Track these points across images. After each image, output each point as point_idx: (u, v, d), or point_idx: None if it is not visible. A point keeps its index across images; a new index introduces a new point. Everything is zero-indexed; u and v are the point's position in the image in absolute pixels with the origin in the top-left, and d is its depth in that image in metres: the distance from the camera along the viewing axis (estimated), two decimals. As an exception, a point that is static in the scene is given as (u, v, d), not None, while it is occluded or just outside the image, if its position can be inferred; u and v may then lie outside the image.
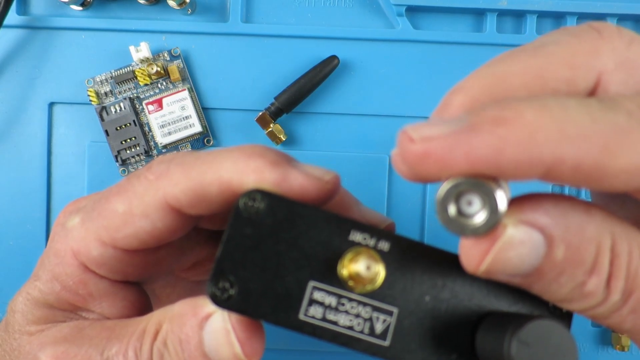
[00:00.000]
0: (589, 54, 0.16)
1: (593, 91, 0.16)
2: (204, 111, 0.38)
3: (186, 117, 0.37)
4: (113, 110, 0.37)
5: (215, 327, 0.17)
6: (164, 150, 0.38)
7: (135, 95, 0.37)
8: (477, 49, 0.37)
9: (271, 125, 0.37)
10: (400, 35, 0.37)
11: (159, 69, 0.36)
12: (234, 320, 0.17)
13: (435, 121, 0.14)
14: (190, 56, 0.37)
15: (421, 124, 0.14)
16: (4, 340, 0.21)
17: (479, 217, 0.14)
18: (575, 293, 0.15)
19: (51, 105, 0.37)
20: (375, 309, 0.17)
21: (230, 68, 0.37)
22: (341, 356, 0.37)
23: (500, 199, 0.14)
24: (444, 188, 0.14)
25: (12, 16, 0.36)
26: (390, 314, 0.17)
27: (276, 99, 0.36)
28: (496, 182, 0.14)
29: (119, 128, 0.37)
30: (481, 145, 0.13)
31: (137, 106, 0.37)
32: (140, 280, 0.22)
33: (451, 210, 0.14)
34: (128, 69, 0.37)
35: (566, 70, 0.15)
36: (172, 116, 0.37)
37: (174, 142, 0.37)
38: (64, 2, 0.36)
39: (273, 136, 0.37)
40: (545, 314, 0.17)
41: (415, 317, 0.17)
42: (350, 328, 0.17)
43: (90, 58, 0.37)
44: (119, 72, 0.37)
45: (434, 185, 0.37)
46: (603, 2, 0.36)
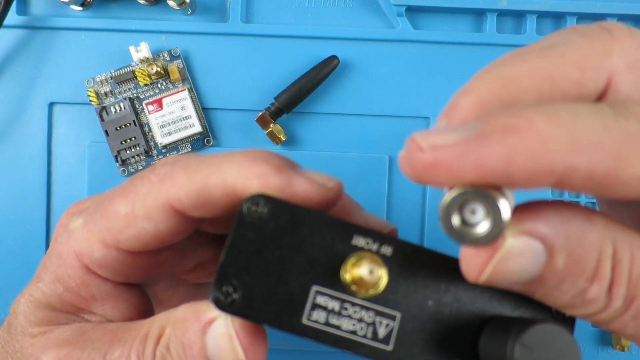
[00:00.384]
0: (600, 55, 0.15)
1: (603, 93, 0.16)
2: (204, 111, 0.38)
3: (186, 117, 0.37)
4: (113, 110, 0.37)
5: (218, 333, 0.17)
6: (163, 151, 0.38)
7: (135, 95, 0.37)
8: (477, 49, 0.37)
9: (271, 125, 0.37)
10: (400, 35, 0.37)
11: (159, 69, 0.36)
12: (237, 325, 0.17)
13: (444, 129, 0.14)
14: (190, 56, 0.37)
15: (430, 132, 0.14)
16: (6, 342, 0.21)
17: (482, 227, 0.14)
18: (577, 300, 0.15)
19: (51, 105, 0.37)
20: (378, 313, 0.17)
21: (230, 68, 0.37)
22: (342, 357, 0.37)
23: (504, 209, 0.14)
24: (449, 196, 0.14)
25: (12, 16, 0.36)
26: (393, 318, 0.17)
27: (276, 99, 0.36)
28: (501, 191, 0.14)
29: (119, 128, 0.37)
30: (491, 155, 0.13)
31: (137, 106, 0.37)
32: (143, 282, 0.22)
33: (455, 219, 0.14)
34: (128, 69, 0.37)
35: (576, 72, 0.15)
36: (172, 116, 0.37)
37: (174, 142, 0.37)
38: (64, 2, 0.36)
39: (273, 136, 0.37)
40: (548, 319, 0.17)
41: (418, 322, 0.17)
42: (353, 332, 0.17)
43: (90, 58, 0.37)
44: (119, 72, 0.37)
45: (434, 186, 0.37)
46: (603, 2, 0.36)
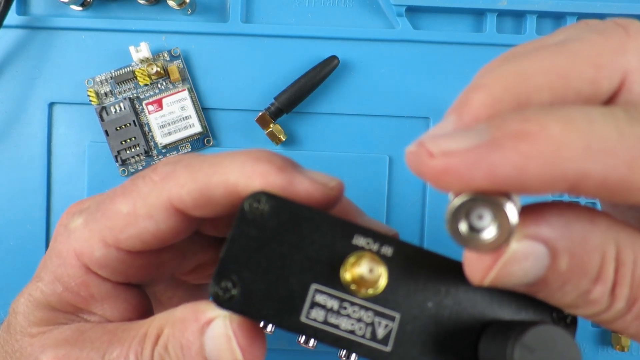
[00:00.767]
0: (615, 52, 0.15)
1: (617, 91, 0.15)
2: (204, 111, 0.38)
3: (186, 117, 0.37)
4: (113, 110, 0.37)
5: (216, 333, 0.17)
6: (163, 151, 0.38)
7: (135, 95, 0.37)
8: (477, 49, 0.37)
9: (271, 125, 0.37)
10: (400, 35, 0.37)
11: (159, 69, 0.36)
12: (235, 326, 0.17)
13: (454, 133, 0.14)
14: (190, 56, 0.37)
15: (439, 136, 0.14)
16: (5, 342, 0.21)
17: (489, 234, 0.14)
18: (580, 300, 0.15)
19: (51, 105, 0.37)
20: (378, 313, 0.17)
21: (230, 68, 0.37)
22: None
23: (512, 216, 0.14)
24: (457, 202, 0.14)
25: (12, 16, 0.36)
26: (392, 319, 0.17)
27: (276, 99, 0.36)
28: (508, 196, 0.14)
29: (119, 128, 0.37)
30: (504, 163, 0.13)
31: (137, 106, 0.37)
32: (142, 283, 0.22)
33: (462, 225, 0.14)
34: (128, 69, 0.37)
35: (591, 70, 0.15)
36: (172, 116, 0.37)
37: (174, 142, 0.37)
38: (64, 2, 0.36)
39: (273, 136, 0.37)
40: (549, 321, 0.17)
41: (417, 323, 0.17)
42: (352, 332, 0.17)
43: (90, 58, 0.37)
44: (119, 72, 0.37)
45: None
46: (603, 2, 0.36)
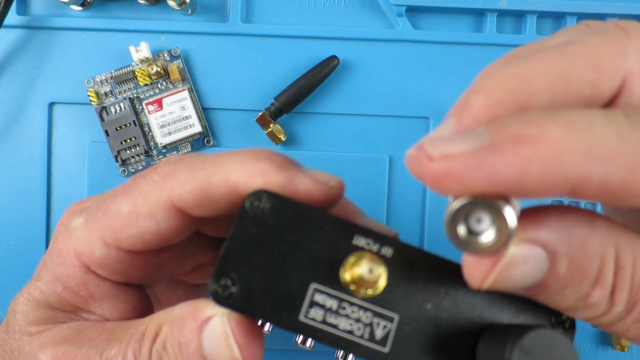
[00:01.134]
0: (615, 55, 0.15)
1: (617, 93, 0.15)
2: (204, 111, 0.38)
3: (186, 117, 0.37)
4: (113, 110, 0.37)
5: (214, 331, 0.17)
6: (163, 151, 0.38)
7: (135, 95, 0.37)
8: (477, 49, 0.37)
9: (271, 125, 0.37)
10: (400, 35, 0.37)
11: (159, 69, 0.36)
12: (233, 323, 0.17)
13: (454, 136, 0.14)
14: (190, 56, 0.37)
15: (439, 139, 0.14)
16: (4, 341, 0.21)
17: (487, 237, 0.14)
18: (579, 304, 0.15)
19: (51, 105, 0.37)
20: (376, 314, 0.17)
21: (230, 68, 0.37)
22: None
23: (511, 220, 0.14)
24: (455, 205, 0.14)
25: (12, 16, 0.36)
26: (391, 320, 0.17)
27: (276, 99, 0.36)
28: (507, 199, 0.14)
29: (119, 128, 0.37)
30: (504, 167, 0.13)
31: (137, 106, 0.37)
32: (142, 283, 0.22)
33: (461, 228, 0.14)
34: (128, 69, 0.37)
35: (592, 72, 0.15)
36: (172, 116, 0.37)
37: (174, 142, 0.37)
38: (64, 2, 0.36)
39: (273, 136, 0.37)
40: (547, 325, 0.17)
41: (416, 325, 0.17)
42: (350, 332, 0.17)
43: (90, 58, 0.37)
44: (119, 72, 0.37)
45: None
46: (603, 2, 0.36)
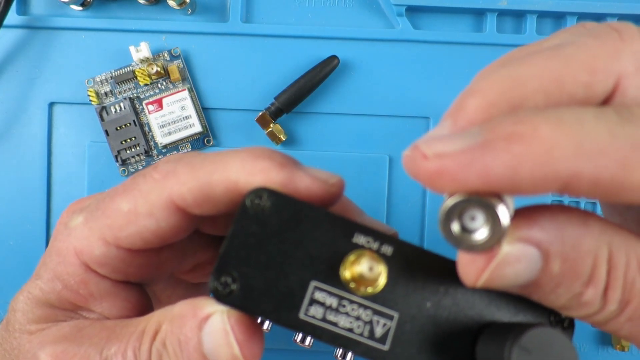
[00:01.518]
0: (609, 57, 0.15)
1: (610, 95, 0.15)
2: (204, 111, 0.38)
3: (186, 117, 0.37)
4: (113, 110, 0.37)
5: (214, 328, 0.17)
6: (163, 150, 0.38)
7: (135, 95, 0.37)
8: (477, 49, 0.37)
9: (271, 125, 0.37)
10: (400, 35, 0.37)
11: (159, 69, 0.36)
12: (233, 321, 0.17)
13: (448, 136, 0.14)
14: (190, 56, 0.37)
15: (433, 138, 0.14)
16: (4, 339, 0.21)
17: (481, 235, 0.14)
18: (572, 302, 0.15)
19: (51, 105, 0.37)
20: (376, 312, 0.17)
21: (230, 68, 0.37)
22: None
23: (504, 217, 0.14)
24: (449, 203, 0.14)
25: (12, 16, 0.36)
26: (390, 318, 0.17)
27: (276, 99, 0.36)
28: (501, 197, 0.14)
29: (119, 128, 0.37)
30: (496, 164, 0.13)
31: (137, 106, 0.37)
32: (142, 281, 0.22)
33: (454, 226, 0.14)
34: (128, 69, 0.37)
35: (585, 74, 0.15)
36: (172, 116, 0.37)
37: (174, 142, 0.37)
38: (64, 2, 0.36)
39: (273, 136, 0.37)
40: (546, 324, 0.17)
41: (415, 323, 0.17)
42: (350, 330, 0.17)
43: (90, 58, 0.37)
44: (119, 72, 0.37)
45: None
46: (603, 2, 0.36)
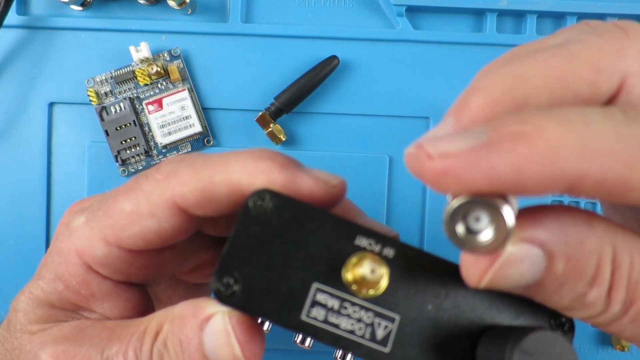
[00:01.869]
0: (614, 55, 0.15)
1: (615, 94, 0.15)
2: (204, 111, 0.38)
3: (186, 117, 0.37)
4: (113, 110, 0.37)
5: (215, 329, 0.17)
6: (163, 151, 0.38)
7: (135, 95, 0.37)
8: (477, 49, 0.37)
9: (271, 125, 0.37)
10: (400, 35, 0.37)
11: (159, 69, 0.36)
12: (234, 322, 0.17)
13: (452, 135, 0.14)
14: (190, 56, 0.37)
15: (438, 138, 0.14)
16: (5, 339, 0.21)
17: (485, 236, 0.14)
18: (576, 303, 0.15)
19: (51, 105, 0.37)
20: (378, 314, 0.17)
21: (230, 68, 0.37)
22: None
23: (509, 218, 0.14)
24: (454, 204, 0.14)
25: (12, 16, 0.36)
26: (392, 320, 0.17)
27: (276, 99, 0.36)
28: (505, 198, 0.14)
29: (119, 128, 0.37)
30: (501, 164, 0.13)
31: (137, 106, 0.37)
32: (143, 282, 0.22)
33: (459, 227, 0.14)
34: (128, 69, 0.37)
35: (590, 73, 0.15)
36: (172, 116, 0.37)
37: (174, 142, 0.37)
38: (64, 2, 0.36)
39: (273, 136, 0.37)
40: (547, 327, 0.17)
41: (416, 325, 0.17)
42: (352, 332, 0.17)
43: (90, 58, 0.37)
44: (119, 72, 0.37)
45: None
46: (603, 2, 0.36)
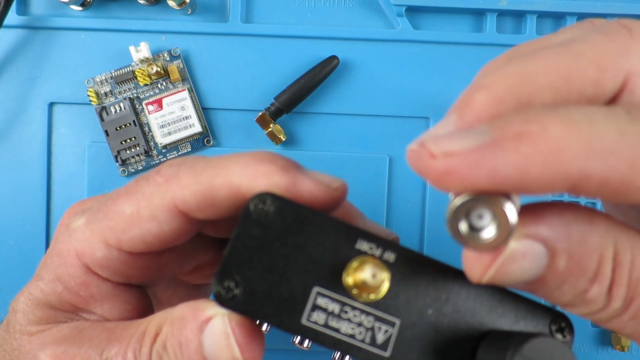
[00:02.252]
0: (618, 54, 0.15)
1: (619, 92, 0.15)
2: (204, 111, 0.38)
3: (186, 117, 0.37)
4: (113, 110, 0.37)
5: (215, 331, 0.17)
6: (163, 151, 0.38)
7: (135, 95, 0.37)
8: (477, 49, 0.37)
9: (271, 125, 0.37)
10: (400, 35, 0.37)
11: (158, 69, 0.36)
12: (234, 324, 0.17)
13: (456, 133, 0.14)
14: (190, 56, 0.37)
15: (441, 136, 0.14)
16: (4, 340, 0.21)
17: (488, 233, 0.14)
18: (577, 299, 0.15)
19: (51, 105, 0.37)
20: (378, 319, 0.17)
21: (230, 68, 0.37)
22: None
23: (512, 216, 0.14)
24: (456, 202, 0.14)
25: (12, 16, 0.36)
26: (392, 324, 0.17)
27: (276, 99, 0.36)
28: (508, 196, 0.14)
29: (119, 128, 0.37)
30: (505, 164, 0.13)
31: (137, 106, 0.37)
32: (143, 283, 0.22)
33: (462, 225, 0.14)
34: (128, 69, 0.37)
35: (595, 71, 0.15)
36: (172, 116, 0.37)
37: (174, 142, 0.37)
38: (64, 2, 0.36)
39: (273, 136, 0.37)
40: (547, 333, 0.17)
41: (417, 330, 0.17)
42: (352, 336, 0.17)
43: (90, 58, 0.37)
44: (119, 72, 0.37)
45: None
46: (603, 2, 0.36)
